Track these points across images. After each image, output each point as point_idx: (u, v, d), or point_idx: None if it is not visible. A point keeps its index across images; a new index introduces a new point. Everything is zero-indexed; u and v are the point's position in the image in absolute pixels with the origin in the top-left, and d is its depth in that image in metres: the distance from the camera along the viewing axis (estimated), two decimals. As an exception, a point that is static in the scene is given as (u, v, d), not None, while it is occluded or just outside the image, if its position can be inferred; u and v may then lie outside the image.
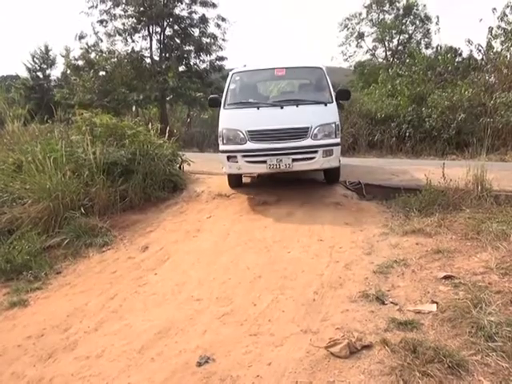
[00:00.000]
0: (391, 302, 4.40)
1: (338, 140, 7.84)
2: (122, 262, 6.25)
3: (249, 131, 7.74)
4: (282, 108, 7.88)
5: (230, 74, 8.92)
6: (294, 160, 7.56)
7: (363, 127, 16.34)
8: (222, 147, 8.05)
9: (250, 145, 7.73)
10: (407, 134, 15.54)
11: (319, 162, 7.68)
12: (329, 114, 7.88)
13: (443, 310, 4.13)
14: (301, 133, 7.63)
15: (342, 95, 8.50)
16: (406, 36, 27.27)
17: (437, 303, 4.28)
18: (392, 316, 4.10)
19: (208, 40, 23.80)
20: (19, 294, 5.48)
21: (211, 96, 8.95)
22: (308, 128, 7.63)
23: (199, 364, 3.68)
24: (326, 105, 7.94)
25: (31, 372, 3.95)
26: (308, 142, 7.63)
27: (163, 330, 4.26)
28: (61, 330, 4.60)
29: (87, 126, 8.85)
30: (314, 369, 3.49)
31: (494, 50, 16.38)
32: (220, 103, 8.37)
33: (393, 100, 16.93)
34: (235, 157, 7.80)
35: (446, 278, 4.78)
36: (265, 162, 7.63)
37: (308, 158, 7.62)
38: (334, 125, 7.77)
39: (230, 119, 8.07)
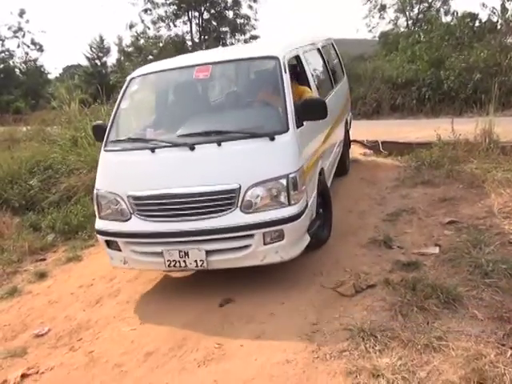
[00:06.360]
0: (397, 247, 4.31)
1: (296, 209, 3.65)
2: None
3: (133, 198, 3.85)
4: (192, 150, 3.77)
5: (127, 79, 4.69)
6: (209, 253, 3.65)
7: (385, 92, 15.89)
8: (96, 223, 4.17)
9: (135, 223, 3.86)
10: (426, 96, 15.04)
11: (258, 255, 3.66)
12: (277, 156, 3.74)
13: (445, 252, 4.04)
14: (221, 200, 3.65)
15: (310, 112, 3.94)
16: (426, 5, 26.07)
17: (440, 246, 4.17)
18: (397, 259, 4.02)
19: (242, 21, 23.57)
20: (75, 251, 5.62)
21: (95, 124, 4.93)
22: (235, 190, 3.61)
23: (221, 305, 3.72)
24: (272, 139, 3.69)
25: (81, 315, 4.09)
26: (235, 217, 3.62)
27: (191, 278, 4.30)
28: (107, 279, 4.71)
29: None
30: (322, 306, 3.48)
31: (509, 13, 15.49)
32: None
33: (413, 65, 16.32)
34: (116, 243, 4.00)
35: (450, 223, 4.65)
36: (161, 253, 3.76)
37: (235, 249, 3.68)
38: (285, 180, 3.61)
39: (108, 173, 4.20)
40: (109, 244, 4.07)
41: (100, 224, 4.11)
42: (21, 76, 34.95)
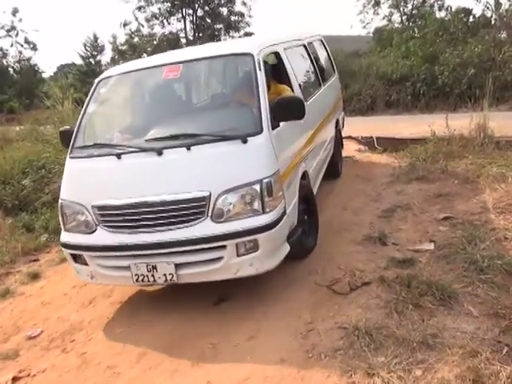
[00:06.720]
0: (392, 243, 4.28)
1: (272, 217, 3.36)
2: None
3: (97, 208, 3.58)
4: (160, 155, 3.49)
5: (95, 81, 4.37)
6: (178, 266, 3.38)
7: (380, 88, 15.86)
8: (62, 236, 3.88)
9: (100, 235, 3.60)
10: (421, 92, 15.02)
11: (231, 268, 3.37)
12: (250, 160, 3.46)
13: (440, 248, 4.01)
14: (190, 209, 3.36)
15: (285, 111, 3.65)
16: (420, 0, 26.07)
17: (435, 242, 4.14)
18: (392, 255, 3.98)
19: (236, 18, 23.55)
20: (68, 251, 5.58)
21: (62, 129, 4.48)
22: (204, 198, 3.33)
23: (215, 304, 3.70)
24: (245, 141, 3.40)
25: (74, 316, 4.03)
26: (205, 227, 3.34)
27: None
28: (100, 280, 4.67)
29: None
30: (317, 305, 3.45)
31: (502, 8, 15.52)
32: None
33: (407, 61, 16.30)
34: (83, 256, 3.72)
35: (445, 218, 4.62)
36: (129, 267, 3.48)
37: (207, 261, 3.39)
38: (259, 186, 3.33)
39: (73, 181, 3.89)
40: (75, 258, 3.79)
41: (65, 237, 3.82)
42: (14, 75, 34.69)
